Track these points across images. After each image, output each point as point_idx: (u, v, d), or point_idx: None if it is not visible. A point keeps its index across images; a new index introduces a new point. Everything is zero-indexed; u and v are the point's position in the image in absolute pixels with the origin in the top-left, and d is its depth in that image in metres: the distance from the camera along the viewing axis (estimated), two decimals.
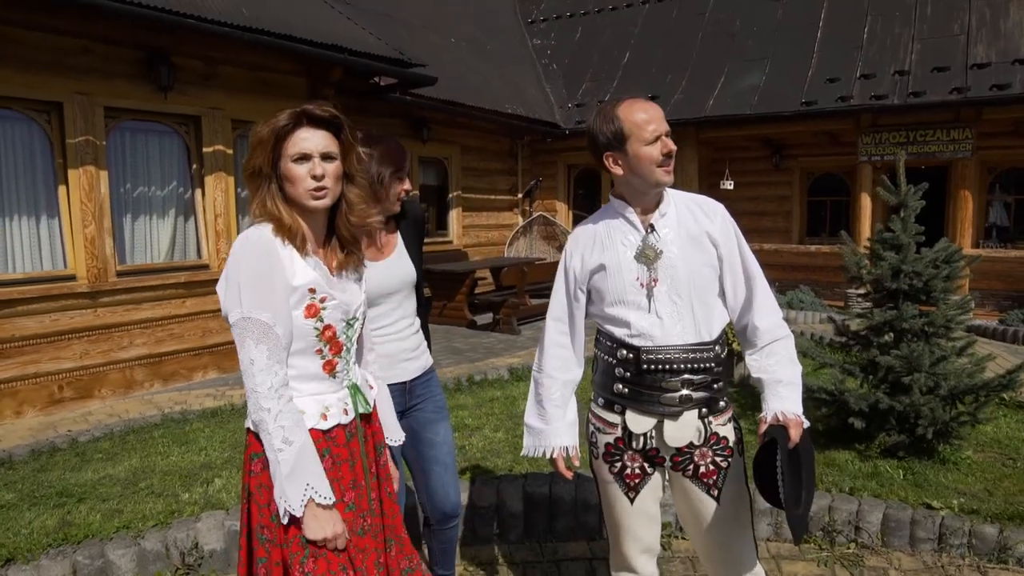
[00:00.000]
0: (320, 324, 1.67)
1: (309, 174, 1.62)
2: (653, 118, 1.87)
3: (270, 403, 1.57)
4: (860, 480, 3.44)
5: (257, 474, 1.65)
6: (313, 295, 1.65)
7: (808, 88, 9.60)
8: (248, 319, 1.56)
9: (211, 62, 6.18)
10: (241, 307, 1.57)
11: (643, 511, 2.03)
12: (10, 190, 5.23)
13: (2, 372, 5.10)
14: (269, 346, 1.57)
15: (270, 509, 1.61)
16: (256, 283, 1.57)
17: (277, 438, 1.56)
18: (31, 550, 2.95)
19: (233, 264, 1.59)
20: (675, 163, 6.64)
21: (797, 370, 1.98)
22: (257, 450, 1.64)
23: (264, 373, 1.57)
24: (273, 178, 1.63)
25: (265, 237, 1.61)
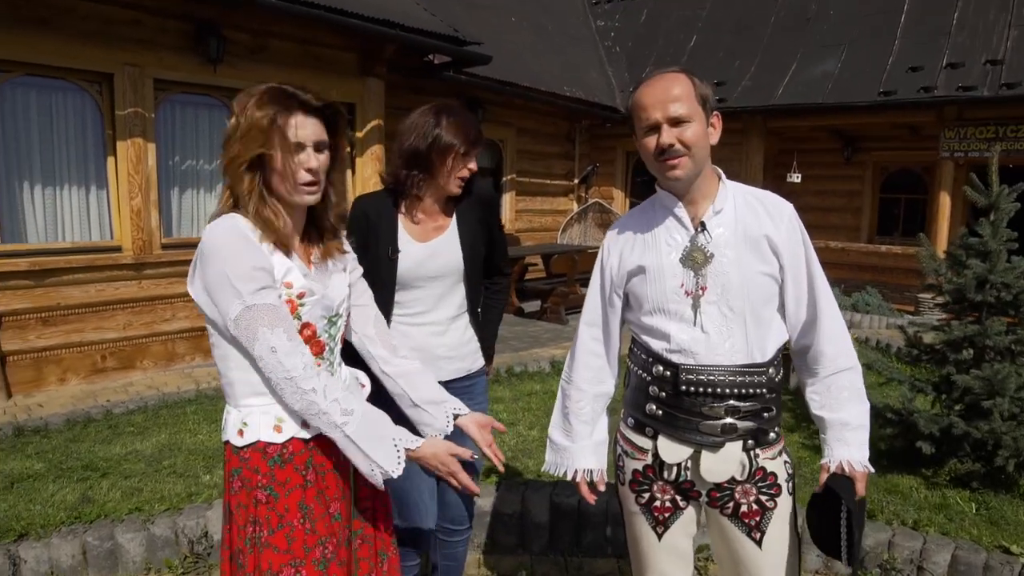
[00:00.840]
0: (298, 323, 1.49)
1: (303, 166, 1.45)
2: (653, 102, 1.57)
3: (312, 382, 1.42)
4: (926, 512, 3.09)
5: (236, 493, 1.48)
6: (290, 290, 1.47)
7: (887, 77, 8.95)
8: (253, 307, 1.40)
9: (261, 35, 6.10)
10: (242, 298, 1.39)
11: (672, 548, 1.78)
12: (61, 160, 5.26)
13: (48, 339, 5.17)
14: (285, 327, 1.42)
15: (245, 532, 1.45)
16: (248, 268, 1.40)
17: (336, 413, 1.42)
18: (45, 526, 2.91)
19: (213, 260, 1.41)
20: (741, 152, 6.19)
21: (865, 409, 1.69)
22: (235, 466, 1.48)
23: (292, 355, 1.41)
24: (256, 174, 1.45)
25: (237, 224, 1.44)
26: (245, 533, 1.45)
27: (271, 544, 1.44)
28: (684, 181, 1.61)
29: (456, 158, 1.95)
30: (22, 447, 3.98)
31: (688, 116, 1.56)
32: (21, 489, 3.35)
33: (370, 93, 7.09)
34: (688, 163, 1.58)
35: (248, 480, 1.47)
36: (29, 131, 5.10)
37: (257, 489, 1.46)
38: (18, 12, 4.77)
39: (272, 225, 1.45)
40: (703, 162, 1.62)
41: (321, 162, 1.48)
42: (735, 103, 9.80)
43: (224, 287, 1.40)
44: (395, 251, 2.00)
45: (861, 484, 1.64)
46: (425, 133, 1.93)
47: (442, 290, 2.07)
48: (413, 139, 1.94)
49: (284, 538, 1.46)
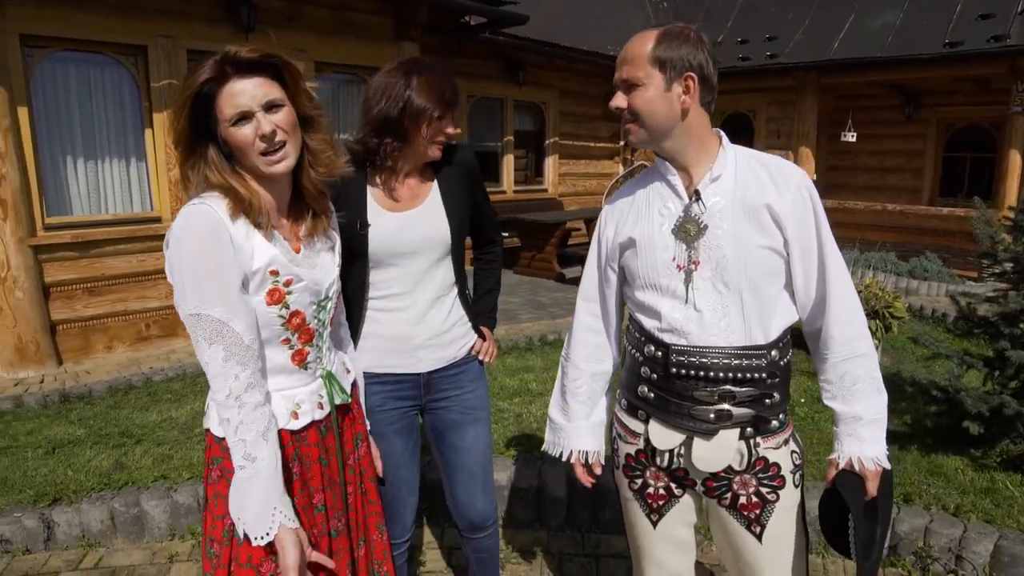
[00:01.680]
0: (286, 311, 1.42)
1: (257, 135, 1.34)
2: (621, 59, 1.49)
3: (230, 412, 1.34)
4: (970, 496, 2.91)
5: (214, 482, 1.44)
6: (276, 278, 1.39)
7: (954, 27, 8.35)
8: (197, 316, 1.32)
9: (295, 2, 6.04)
10: (187, 302, 1.32)
11: (668, 536, 1.69)
12: (101, 133, 5.36)
13: (94, 309, 5.34)
14: (224, 345, 1.32)
15: (223, 522, 1.42)
16: (202, 272, 1.31)
17: (238, 453, 1.34)
18: (76, 492, 3.01)
19: (175, 251, 1.33)
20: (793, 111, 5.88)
21: (882, 401, 1.54)
22: (216, 454, 1.44)
23: (221, 378, 1.33)
24: (209, 146, 1.36)
25: (209, 215, 1.33)
26: (223, 524, 1.42)
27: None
28: (643, 144, 1.53)
29: (432, 123, 1.75)
30: (66, 413, 4.13)
31: (636, 80, 1.45)
32: (61, 454, 3.48)
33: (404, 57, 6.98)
34: (638, 129, 1.49)
35: (228, 470, 1.41)
36: (69, 105, 5.20)
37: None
38: None
39: (238, 195, 1.35)
40: (661, 128, 1.48)
41: (279, 122, 1.36)
42: (787, 59, 9.33)
43: (181, 284, 1.33)
44: (364, 224, 1.77)
45: (872, 484, 1.51)
46: (395, 96, 1.72)
47: (422, 267, 1.85)
48: (384, 104, 1.73)
49: None
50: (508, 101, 9.81)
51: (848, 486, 1.49)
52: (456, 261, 1.94)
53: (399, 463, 1.93)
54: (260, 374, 1.39)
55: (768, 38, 9.84)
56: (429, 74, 1.75)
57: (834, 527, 1.58)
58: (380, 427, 1.87)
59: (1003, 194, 8.15)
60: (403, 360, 1.88)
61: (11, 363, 4.92)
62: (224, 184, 1.36)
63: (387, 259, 1.81)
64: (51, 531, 2.86)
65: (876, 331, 4.78)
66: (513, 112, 9.96)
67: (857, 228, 9.81)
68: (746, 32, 10.25)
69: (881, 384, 1.55)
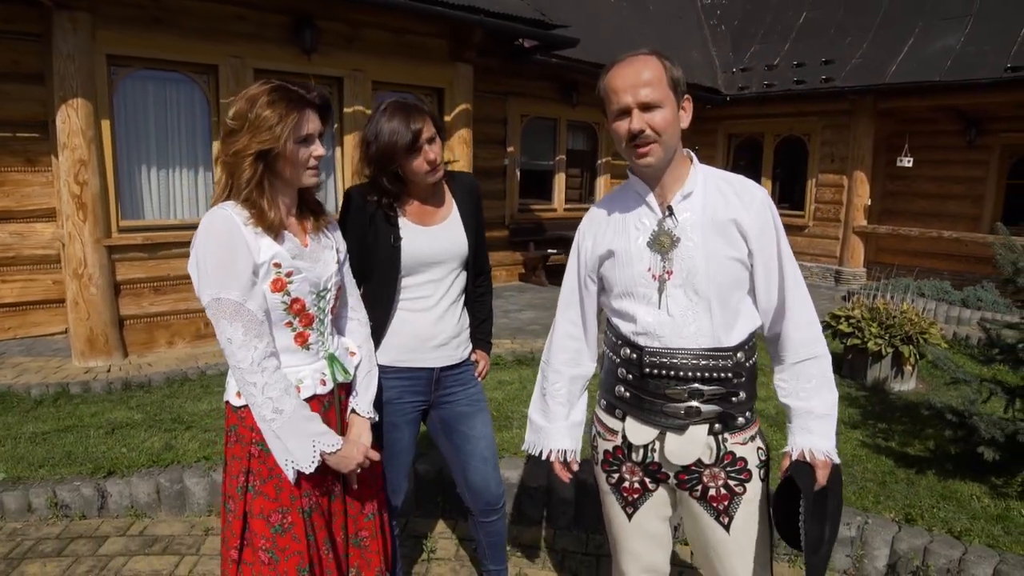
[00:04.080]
0: (287, 298, 1.66)
1: (312, 155, 1.65)
2: (624, 86, 1.56)
3: (255, 376, 1.59)
4: (980, 522, 2.89)
5: (231, 446, 1.69)
6: (279, 269, 1.64)
7: (1017, 50, 8.12)
8: (219, 299, 1.58)
9: (355, 25, 6.42)
10: (210, 288, 1.58)
11: (642, 529, 1.81)
12: (173, 145, 5.82)
13: (159, 306, 5.76)
14: (243, 322, 1.58)
15: (237, 481, 1.65)
16: (222, 264, 1.58)
17: (267, 409, 1.59)
18: (129, 467, 3.31)
19: (200, 248, 1.61)
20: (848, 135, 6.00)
21: (832, 398, 1.66)
22: (233, 422, 1.69)
23: (244, 349, 1.58)
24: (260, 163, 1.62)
25: (228, 218, 1.61)
26: (237, 482, 1.65)
27: (262, 492, 1.64)
28: (655, 167, 1.63)
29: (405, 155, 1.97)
30: (127, 399, 4.50)
31: (659, 101, 1.56)
32: (119, 435, 3.82)
33: (459, 78, 7.28)
34: (658, 149, 1.59)
35: (243, 436, 1.67)
36: (147, 119, 5.67)
37: (251, 444, 1.66)
38: (141, 12, 5.30)
39: (264, 214, 1.62)
40: (673, 147, 1.63)
41: (323, 150, 1.67)
42: (843, 82, 9.24)
43: (203, 275, 1.59)
44: (398, 239, 2.06)
45: (822, 473, 1.62)
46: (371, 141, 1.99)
47: (442, 275, 2.13)
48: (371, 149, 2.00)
49: (273, 488, 1.65)
50: (561, 121, 10.02)
51: (801, 474, 1.60)
52: (467, 273, 2.20)
53: (403, 449, 2.17)
54: (272, 347, 1.63)
55: (824, 61, 9.76)
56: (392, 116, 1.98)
57: (785, 518, 1.68)
58: (393, 417, 2.13)
59: None
60: (423, 356, 2.13)
61: (82, 353, 5.37)
62: (257, 204, 1.62)
63: (417, 267, 2.09)
64: (104, 500, 3.17)
65: (909, 356, 4.73)
66: (566, 132, 10.16)
67: (911, 255, 9.57)
68: (803, 55, 10.19)
69: (833, 384, 1.66)
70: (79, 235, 5.23)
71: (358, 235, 2.05)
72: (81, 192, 5.17)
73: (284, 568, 1.60)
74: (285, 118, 1.58)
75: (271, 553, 1.60)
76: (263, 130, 1.57)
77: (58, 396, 4.55)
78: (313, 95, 1.64)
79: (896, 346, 4.70)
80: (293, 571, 1.60)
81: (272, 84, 1.62)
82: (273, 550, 1.60)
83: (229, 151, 1.61)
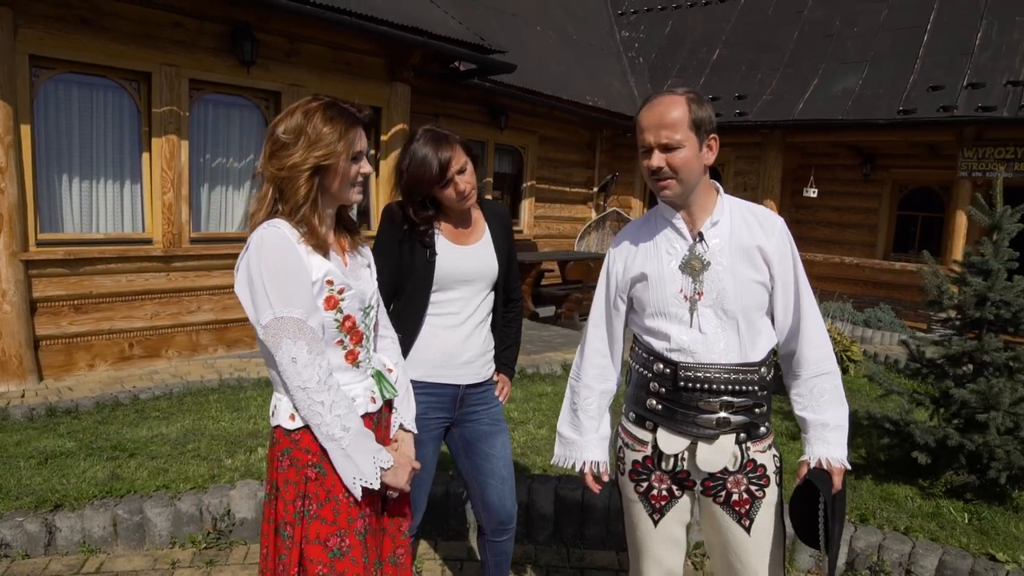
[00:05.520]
0: (340, 315, 1.66)
1: (360, 172, 1.66)
2: (649, 126, 1.70)
3: (323, 395, 1.57)
4: (918, 519, 3.18)
5: (284, 471, 1.64)
6: (331, 287, 1.64)
7: (908, 95, 9.00)
8: (281, 319, 1.55)
9: (294, 39, 6.31)
10: (272, 308, 1.55)
11: (667, 535, 1.92)
12: (98, 154, 5.50)
13: (79, 326, 5.39)
14: (307, 340, 1.56)
15: (294, 506, 1.61)
16: (281, 282, 1.55)
17: (336, 427, 1.57)
18: (78, 499, 3.10)
19: (254, 267, 1.56)
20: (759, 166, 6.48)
21: (844, 411, 1.83)
22: (286, 446, 1.64)
23: (309, 368, 1.55)
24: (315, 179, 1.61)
25: (282, 236, 1.58)
26: (293, 507, 1.60)
27: (319, 516, 1.60)
28: (675, 198, 1.77)
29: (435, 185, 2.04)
30: (54, 426, 4.19)
31: (679, 143, 1.69)
32: (54, 465, 3.55)
33: (396, 97, 7.29)
34: (676, 185, 1.73)
35: (298, 459, 1.62)
36: (70, 126, 5.34)
37: (307, 467, 1.61)
38: (68, 11, 5.01)
39: (317, 233, 1.61)
40: (693, 182, 1.75)
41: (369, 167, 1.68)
42: (755, 117, 9.89)
43: (261, 294, 1.55)
44: (433, 254, 2.12)
45: (838, 479, 1.77)
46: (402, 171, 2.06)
47: (472, 294, 2.19)
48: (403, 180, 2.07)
49: (331, 511, 1.62)
50: (490, 144, 10.17)
51: (820, 480, 1.74)
52: (496, 296, 2.26)
53: (426, 465, 2.19)
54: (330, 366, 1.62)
55: (738, 96, 10.42)
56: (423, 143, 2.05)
57: (803, 521, 1.82)
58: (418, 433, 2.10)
59: (950, 250, 8.71)
60: (451, 372, 2.16)
61: None
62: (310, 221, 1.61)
63: (449, 283, 2.13)
64: (52, 536, 2.93)
65: None
66: (494, 155, 10.32)
67: (817, 279, 10.29)
68: (718, 90, 10.84)
69: (843, 398, 1.83)
70: None
71: (395, 249, 2.08)
72: None
73: None
74: (345, 135, 1.59)
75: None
76: (321, 145, 1.57)
77: None
78: (363, 114, 1.66)
79: None
80: None
81: (326, 100, 1.62)
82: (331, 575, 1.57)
83: (283, 165, 1.58)
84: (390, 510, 1.79)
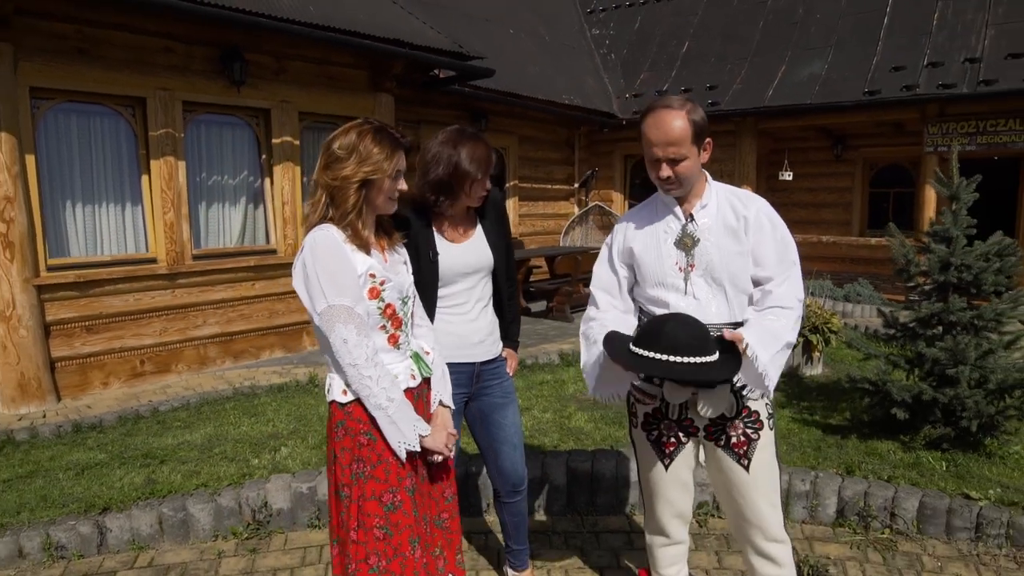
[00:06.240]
0: (382, 304, 1.91)
1: (397, 188, 1.93)
2: (656, 141, 1.97)
3: (370, 371, 1.82)
4: (900, 469, 3.48)
5: (340, 439, 1.89)
6: (373, 279, 1.89)
7: (872, 77, 9.37)
8: (333, 306, 1.81)
9: (281, 58, 6.51)
10: (326, 298, 1.81)
11: (676, 477, 2.20)
12: (99, 179, 5.68)
13: (92, 346, 5.57)
14: (356, 324, 1.82)
15: (350, 469, 1.86)
16: (334, 275, 1.82)
17: (383, 398, 1.83)
18: (123, 501, 3.30)
19: (310, 264, 1.83)
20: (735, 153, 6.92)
21: (784, 325, 1.97)
22: (340, 418, 1.90)
23: (359, 347, 1.81)
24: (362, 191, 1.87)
25: (331, 237, 1.85)
26: (350, 471, 1.87)
27: (373, 476, 1.86)
28: (680, 193, 2.08)
29: (475, 183, 2.30)
30: (82, 441, 4.38)
31: (683, 156, 1.98)
32: (91, 475, 3.75)
33: (381, 107, 7.50)
34: (680, 187, 2.05)
35: (351, 428, 1.88)
36: (71, 154, 5.51)
37: (360, 435, 1.88)
38: (64, 43, 5.19)
39: (361, 235, 1.88)
40: (693, 181, 2.06)
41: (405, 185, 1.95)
42: (727, 106, 10.21)
43: (316, 287, 1.82)
44: (435, 253, 2.37)
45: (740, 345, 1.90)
46: (448, 165, 2.26)
47: (473, 283, 2.44)
48: (440, 170, 2.27)
49: (383, 471, 1.88)
50: None
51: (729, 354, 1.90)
52: (494, 280, 2.52)
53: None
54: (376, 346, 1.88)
55: (709, 87, 10.74)
56: (475, 148, 2.29)
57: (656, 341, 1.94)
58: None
59: (921, 223, 9.07)
60: (465, 352, 2.42)
61: (13, 399, 5.11)
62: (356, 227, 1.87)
63: (452, 277, 2.39)
64: (103, 536, 3.14)
65: (817, 344, 5.41)
66: None
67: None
68: (689, 82, 11.16)
69: (790, 327, 1.98)
70: (7, 275, 5.02)
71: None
72: (8, 230, 4.97)
73: (398, 541, 1.82)
74: (392, 155, 1.86)
75: (385, 529, 1.82)
76: (370, 162, 1.83)
77: (3, 445, 4.34)
78: (406, 140, 1.93)
79: (806, 336, 5.37)
80: (407, 544, 1.83)
81: (376, 124, 1.89)
82: (387, 526, 1.82)
83: (336, 176, 1.84)
84: (432, 476, 2.04)
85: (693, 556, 2.96)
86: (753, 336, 1.91)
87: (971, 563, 2.92)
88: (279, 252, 6.77)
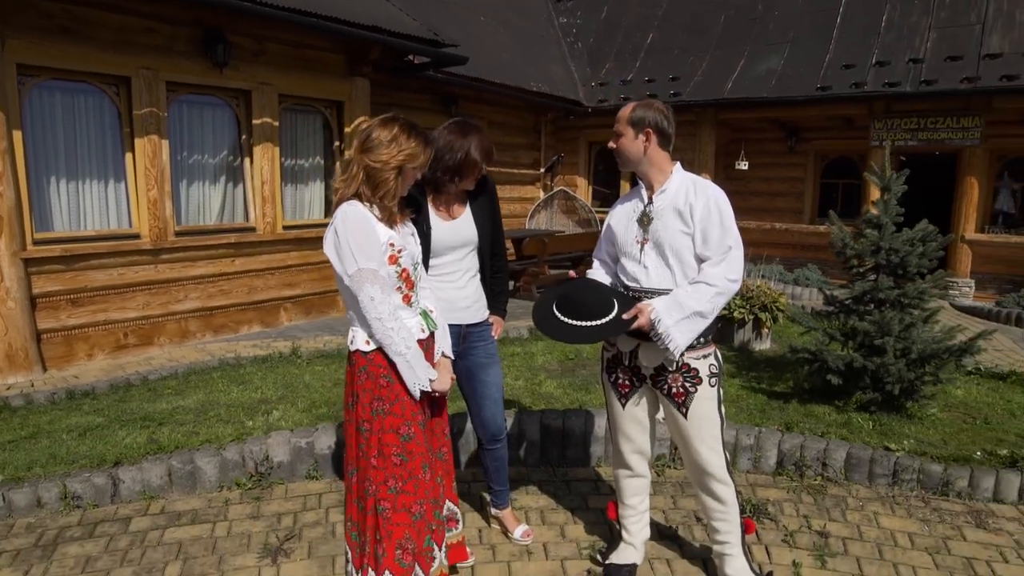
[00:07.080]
0: (399, 268, 2.25)
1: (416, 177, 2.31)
2: (616, 119, 2.48)
3: (392, 323, 2.16)
4: (833, 428, 3.95)
5: (362, 382, 2.23)
6: (392, 248, 2.23)
7: (824, 73, 9.91)
8: (362, 269, 2.14)
9: (260, 40, 6.68)
10: (357, 262, 2.14)
11: (632, 415, 2.61)
12: (83, 156, 5.81)
13: (77, 319, 5.74)
14: (380, 285, 2.16)
15: (371, 407, 2.21)
16: (362, 243, 2.15)
17: (402, 346, 2.18)
18: (132, 456, 3.57)
19: (342, 233, 2.16)
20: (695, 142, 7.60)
21: (697, 300, 2.34)
22: (363, 364, 2.24)
23: (383, 304, 2.15)
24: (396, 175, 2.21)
25: (360, 210, 2.19)
26: (370, 408, 2.21)
27: (391, 412, 2.21)
28: (623, 167, 2.53)
29: (478, 170, 2.67)
30: (77, 407, 4.60)
31: (620, 132, 2.46)
32: (93, 436, 3.98)
33: (357, 92, 7.73)
34: (623, 162, 2.50)
35: (373, 373, 2.23)
36: (55, 130, 5.64)
37: (380, 378, 2.23)
38: (50, 22, 5.32)
39: (391, 212, 2.23)
40: (634, 160, 2.47)
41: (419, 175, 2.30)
42: (688, 97, 10.66)
43: (347, 253, 2.15)
44: (429, 227, 2.70)
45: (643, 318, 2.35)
46: (461, 152, 2.61)
47: (461, 256, 2.80)
48: (454, 156, 2.61)
49: (400, 408, 2.23)
50: None
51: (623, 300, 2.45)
52: (479, 255, 2.88)
53: None
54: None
55: (672, 78, 11.19)
56: (480, 138, 2.65)
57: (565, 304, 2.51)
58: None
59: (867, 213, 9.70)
60: (454, 315, 2.76)
61: (1, 370, 5.28)
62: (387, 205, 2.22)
63: (442, 250, 2.74)
64: (116, 488, 3.41)
65: (766, 321, 5.90)
66: None
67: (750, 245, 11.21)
68: (653, 72, 11.58)
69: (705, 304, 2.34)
70: None
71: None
72: None
73: (412, 466, 2.17)
74: (425, 148, 2.23)
75: (402, 456, 2.17)
76: (406, 151, 2.17)
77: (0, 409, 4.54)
78: (430, 137, 2.28)
79: (756, 313, 5.84)
80: (419, 468, 2.18)
81: (408, 121, 2.22)
82: (403, 454, 2.17)
83: (377, 159, 2.17)
84: (434, 412, 2.40)
85: (652, 500, 3.36)
86: (661, 304, 2.35)
87: (887, 503, 3.40)
88: (258, 230, 6.98)
